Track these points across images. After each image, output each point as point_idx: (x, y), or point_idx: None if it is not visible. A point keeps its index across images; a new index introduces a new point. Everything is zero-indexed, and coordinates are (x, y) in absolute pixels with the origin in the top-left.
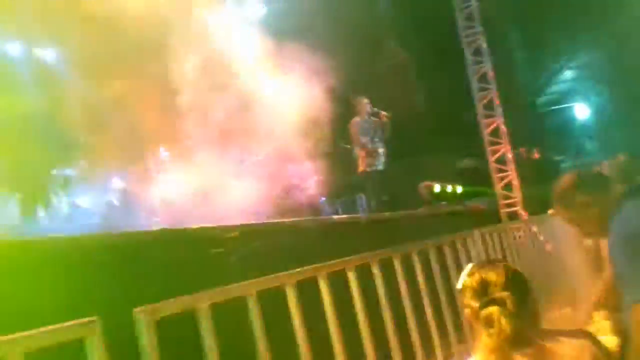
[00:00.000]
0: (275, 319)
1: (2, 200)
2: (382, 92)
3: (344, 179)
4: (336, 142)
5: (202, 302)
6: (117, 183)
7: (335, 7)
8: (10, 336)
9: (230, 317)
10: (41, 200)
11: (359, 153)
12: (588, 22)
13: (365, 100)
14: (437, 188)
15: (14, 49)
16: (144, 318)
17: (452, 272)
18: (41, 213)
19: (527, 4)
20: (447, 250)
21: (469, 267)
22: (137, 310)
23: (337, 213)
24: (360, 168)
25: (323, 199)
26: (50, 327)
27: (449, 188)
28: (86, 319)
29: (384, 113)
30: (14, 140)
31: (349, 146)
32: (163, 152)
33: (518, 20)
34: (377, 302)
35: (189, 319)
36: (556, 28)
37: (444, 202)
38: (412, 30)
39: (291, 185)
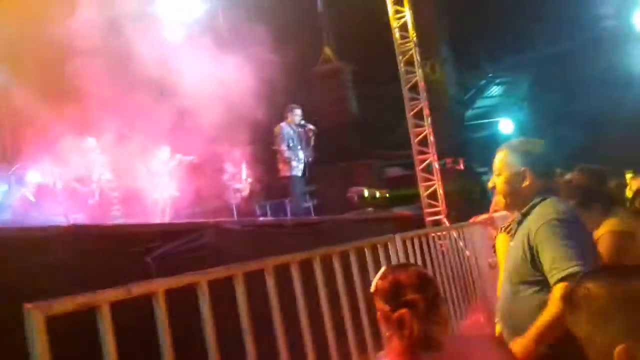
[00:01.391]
0: (184, 319)
1: None
2: (315, 97)
3: (275, 181)
4: (269, 145)
5: (102, 301)
6: (33, 177)
7: (271, 9)
8: None
9: (137, 316)
10: None
11: (278, 158)
12: (513, 44)
13: (298, 111)
14: (365, 193)
15: None
16: (34, 314)
17: (372, 276)
18: None
19: (460, 20)
20: (369, 254)
21: (382, 270)
22: (28, 306)
23: (265, 215)
24: (281, 173)
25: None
26: None
27: (377, 194)
28: None
29: (310, 127)
30: None
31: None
32: (86, 146)
33: (450, 35)
34: (296, 303)
35: (90, 318)
36: (485, 46)
37: (370, 208)
38: (348, 38)
39: (225, 186)
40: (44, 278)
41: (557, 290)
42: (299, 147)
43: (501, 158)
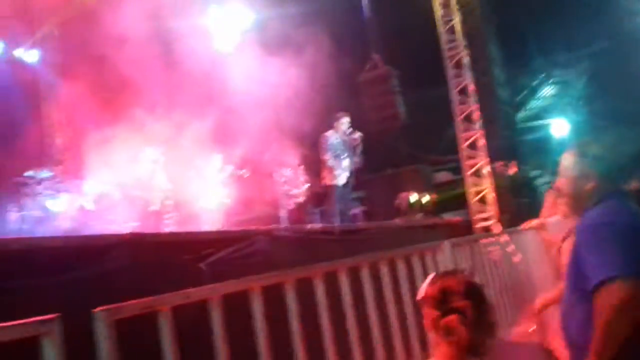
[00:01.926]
0: (238, 324)
1: None
2: (363, 103)
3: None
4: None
5: (164, 305)
6: (92, 186)
7: (318, 19)
8: None
9: (192, 322)
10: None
11: (322, 167)
12: (568, 40)
13: (345, 119)
14: (413, 199)
15: None
16: (104, 318)
17: (420, 283)
18: (13, 214)
19: (508, 20)
20: (416, 261)
21: (430, 277)
22: (97, 310)
23: (313, 222)
24: (323, 181)
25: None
26: (9, 322)
27: (426, 200)
28: (44, 317)
29: (356, 135)
30: None
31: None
32: (143, 156)
33: (499, 36)
34: (344, 310)
35: (150, 321)
36: (536, 44)
37: (419, 215)
38: (395, 43)
39: (280, 192)
40: (105, 284)
41: (597, 299)
42: (345, 155)
43: (567, 159)
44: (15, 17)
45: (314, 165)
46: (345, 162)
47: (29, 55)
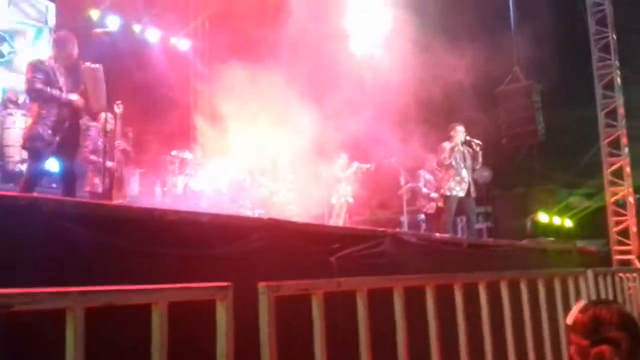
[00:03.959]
0: (380, 318)
1: (128, 174)
2: (501, 116)
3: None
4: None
5: (318, 289)
6: (227, 171)
7: (461, 24)
8: (157, 286)
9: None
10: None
11: (442, 176)
12: None
13: (461, 127)
14: (543, 220)
15: None
16: (267, 293)
17: (560, 308)
18: (157, 189)
19: None
20: (557, 285)
21: (581, 303)
22: (262, 284)
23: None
24: (439, 192)
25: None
26: (190, 284)
27: (557, 223)
28: (220, 283)
29: (476, 141)
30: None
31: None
32: (272, 149)
33: None
34: (480, 322)
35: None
36: None
37: (551, 238)
38: (539, 57)
39: (421, 194)
40: (245, 264)
41: None
42: (463, 165)
43: None
44: (171, 9)
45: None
46: (463, 173)
47: (182, 43)
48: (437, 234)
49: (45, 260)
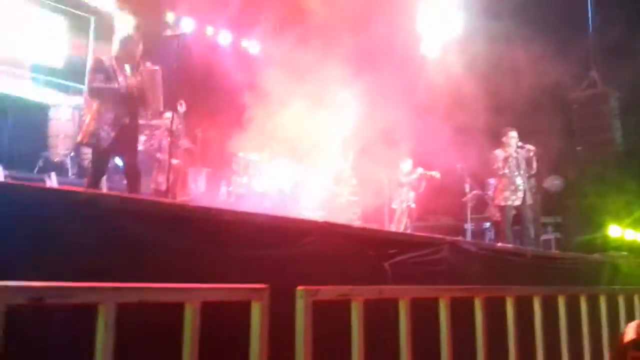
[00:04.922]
0: (424, 328)
1: (195, 172)
2: (575, 123)
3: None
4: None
5: (359, 295)
6: (292, 174)
7: (536, 28)
8: (191, 285)
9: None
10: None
11: (496, 186)
12: None
13: (514, 133)
14: (615, 233)
15: None
16: (304, 297)
17: (623, 326)
18: (223, 189)
19: None
20: (622, 302)
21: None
22: (300, 288)
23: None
24: (494, 201)
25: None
26: (225, 284)
27: (631, 237)
28: (256, 285)
29: (529, 147)
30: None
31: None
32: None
33: None
34: (533, 337)
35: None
36: None
37: (624, 252)
38: (617, 62)
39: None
40: (298, 266)
41: None
42: (516, 172)
43: None
44: (244, 12)
45: None
46: (518, 181)
47: (253, 46)
48: (499, 244)
49: (99, 256)
